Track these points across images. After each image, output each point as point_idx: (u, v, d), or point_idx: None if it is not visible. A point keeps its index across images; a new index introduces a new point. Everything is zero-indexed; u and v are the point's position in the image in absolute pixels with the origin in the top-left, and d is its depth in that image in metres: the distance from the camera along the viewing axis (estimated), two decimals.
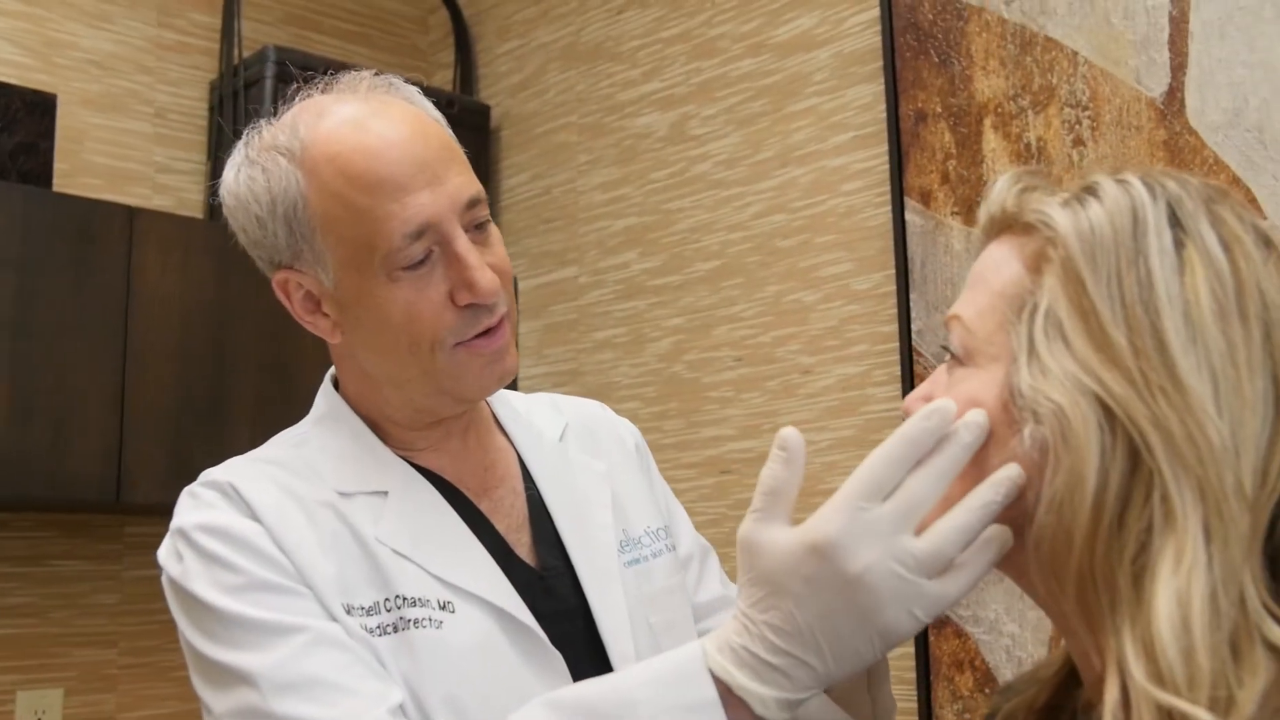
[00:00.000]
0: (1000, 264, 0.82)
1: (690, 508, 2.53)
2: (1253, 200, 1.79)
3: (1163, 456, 0.71)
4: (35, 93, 2.43)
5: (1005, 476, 0.77)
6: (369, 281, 1.08)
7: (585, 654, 1.12)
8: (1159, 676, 0.67)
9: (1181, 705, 0.65)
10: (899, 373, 2.22)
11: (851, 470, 0.80)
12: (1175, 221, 0.76)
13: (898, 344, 2.22)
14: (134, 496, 2.37)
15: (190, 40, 2.93)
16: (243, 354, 2.55)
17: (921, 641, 2.11)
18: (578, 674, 1.09)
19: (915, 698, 2.12)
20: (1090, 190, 0.80)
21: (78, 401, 2.33)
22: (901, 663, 2.14)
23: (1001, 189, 0.85)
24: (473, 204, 1.10)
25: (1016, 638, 1.98)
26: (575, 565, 1.17)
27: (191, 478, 1.08)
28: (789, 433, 0.82)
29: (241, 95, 2.81)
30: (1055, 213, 0.79)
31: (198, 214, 2.83)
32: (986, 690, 2.02)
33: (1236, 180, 1.80)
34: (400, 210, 1.06)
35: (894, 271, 2.24)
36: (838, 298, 2.37)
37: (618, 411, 1.41)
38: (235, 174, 1.15)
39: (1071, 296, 0.76)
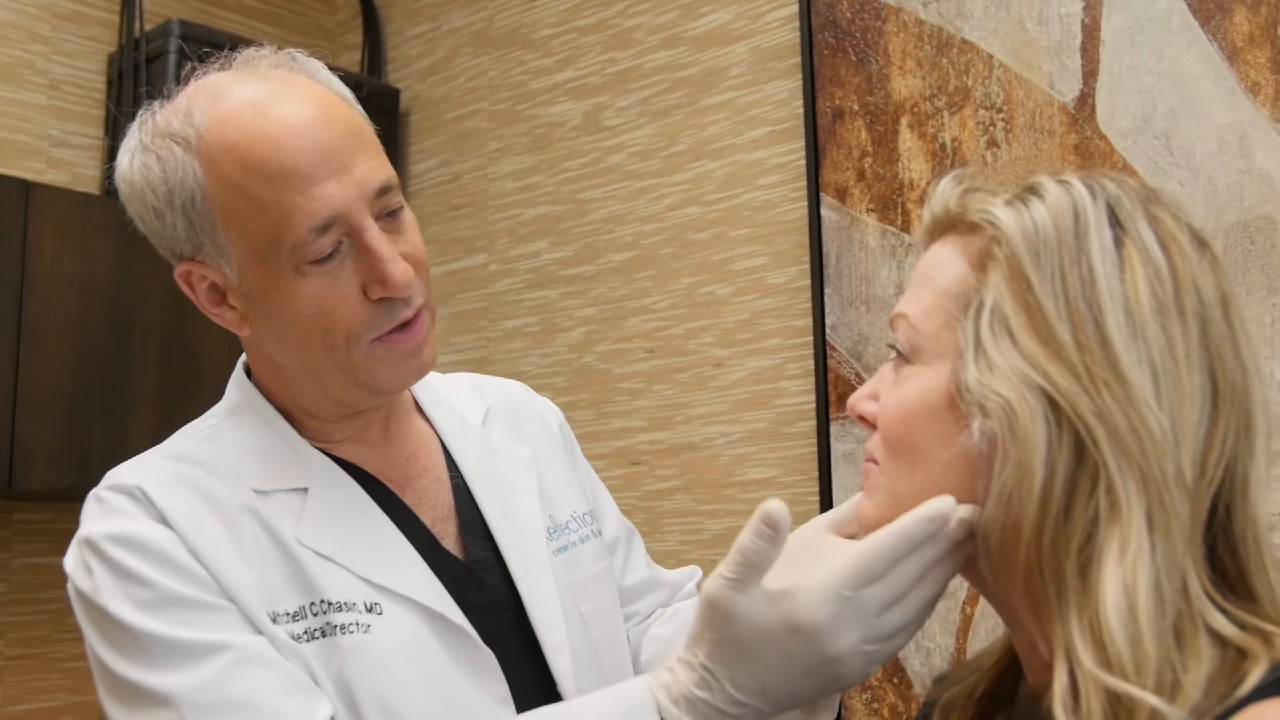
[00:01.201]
0: (945, 263, 0.84)
1: None
2: None
3: (1107, 448, 0.73)
4: None
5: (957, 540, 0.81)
6: (276, 276, 1.03)
7: (517, 646, 1.10)
8: (1107, 662, 0.69)
9: (1130, 690, 0.67)
10: (812, 366, 2.24)
11: (762, 463, 0.82)
12: (1115, 221, 0.78)
13: (811, 338, 2.25)
14: (27, 483, 2.28)
15: (88, 10, 2.84)
16: (144, 335, 2.48)
17: None
18: (509, 668, 1.07)
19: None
20: (1033, 190, 0.81)
21: None
22: None
23: (944, 189, 0.86)
24: (383, 191, 1.05)
25: (925, 629, 2.02)
26: (505, 556, 1.14)
27: (88, 463, 1.01)
28: (777, 510, 0.82)
29: (143, 69, 2.72)
30: (1000, 212, 0.81)
31: (94, 190, 2.74)
32: (895, 680, 2.05)
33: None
34: (305, 202, 1.00)
35: (809, 266, 2.26)
36: (751, 291, 2.39)
37: None
38: (130, 160, 1.07)
39: (1017, 293, 0.78)
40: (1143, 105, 1.87)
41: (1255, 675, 0.68)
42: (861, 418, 0.87)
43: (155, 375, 2.46)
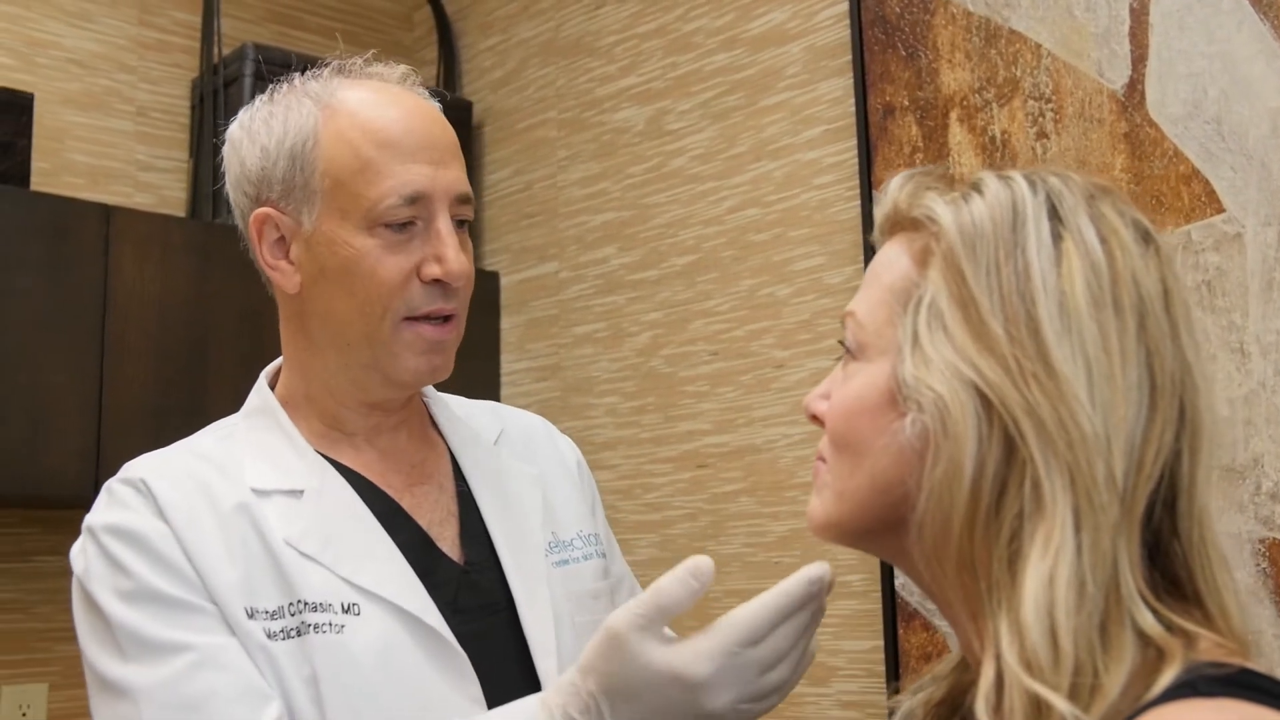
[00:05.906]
0: (892, 261, 0.84)
1: (667, 502, 2.55)
2: (1211, 192, 1.79)
3: (1034, 443, 0.72)
4: (11, 92, 2.44)
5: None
6: (347, 228, 1.13)
7: (507, 648, 1.13)
8: (1027, 660, 0.68)
9: (1043, 692, 0.66)
10: None
11: None
12: (1054, 215, 0.78)
13: None
14: None
15: (171, 39, 2.95)
16: (222, 352, 2.56)
17: (890, 635, 2.11)
18: (496, 670, 1.10)
19: (884, 690, 2.12)
20: (975, 187, 0.81)
21: (55, 400, 2.34)
22: (870, 655, 2.15)
23: (894, 190, 0.87)
24: (463, 200, 1.17)
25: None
26: (502, 560, 1.17)
27: None
28: (705, 565, 0.89)
29: (222, 93, 2.82)
30: (939, 208, 0.81)
31: (180, 212, 2.85)
32: None
33: (1196, 172, 1.80)
34: (402, 172, 1.13)
35: (863, 265, 2.24)
36: (810, 291, 2.38)
37: (596, 407, 1.41)
38: (251, 114, 1.21)
39: (952, 288, 0.78)
40: (1193, 90, 1.82)
41: (1167, 677, 0.66)
42: (814, 416, 0.87)
43: (232, 391, 2.51)
